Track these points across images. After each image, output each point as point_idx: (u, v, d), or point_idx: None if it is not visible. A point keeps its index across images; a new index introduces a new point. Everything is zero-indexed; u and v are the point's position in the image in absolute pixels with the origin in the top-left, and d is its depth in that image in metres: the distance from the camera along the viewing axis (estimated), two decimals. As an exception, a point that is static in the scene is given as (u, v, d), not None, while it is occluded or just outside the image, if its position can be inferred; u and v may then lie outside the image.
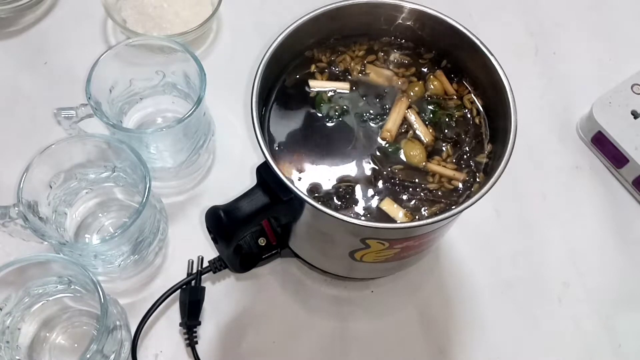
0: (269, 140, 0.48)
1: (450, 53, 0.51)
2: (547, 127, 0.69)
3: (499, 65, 0.47)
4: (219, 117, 0.64)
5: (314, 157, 0.48)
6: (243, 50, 0.70)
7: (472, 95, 0.51)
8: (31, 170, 0.51)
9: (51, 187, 0.54)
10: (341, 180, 0.47)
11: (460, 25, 0.48)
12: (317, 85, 0.50)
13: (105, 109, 0.55)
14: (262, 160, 0.44)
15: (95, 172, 0.57)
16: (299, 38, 0.49)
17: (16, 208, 0.50)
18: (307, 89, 0.50)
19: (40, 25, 0.72)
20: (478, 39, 0.48)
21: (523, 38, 0.75)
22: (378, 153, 0.48)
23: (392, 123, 0.49)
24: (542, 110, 0.70)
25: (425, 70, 0.52)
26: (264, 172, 0.45)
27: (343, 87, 0.50)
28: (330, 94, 0.50)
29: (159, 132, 0.54)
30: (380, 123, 0.49)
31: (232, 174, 0.64)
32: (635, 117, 0.65)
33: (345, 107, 0.50)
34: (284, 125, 0.49)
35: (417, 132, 0.49)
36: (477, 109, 0.50)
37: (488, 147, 0.49)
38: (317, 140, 0.49)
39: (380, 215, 0.46)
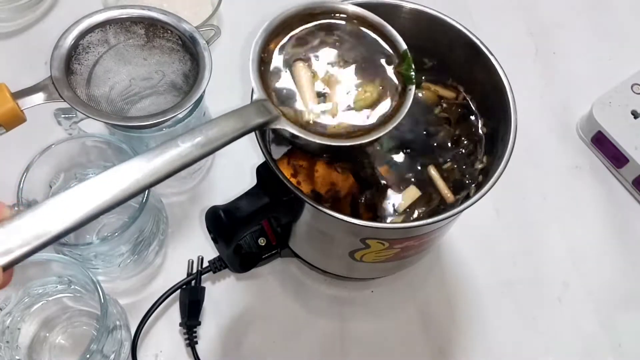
0: (269, 139, 0.48)
1: (450, 53, 0.51)
2: (547, 127, 0.69)
3: (499, 65, 0.47)
4: (219, 117, 0.64)
5: (314, 156, 0.48)
6: (243, 50, 0.70)
7: (464, 94, 0.51)
8: (31, 170, 0.51)
9: (51, 187, 0.54)
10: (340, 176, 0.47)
11: (461, 25, 0.48)
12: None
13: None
14: (262, 160, 0.44)
15: (95, 172, 0.57)
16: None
17: (16, 208, 0.50)
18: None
19: (40, 25, 0.72)
20: (478, 39, 0.48)
21: (523, 38, 0.75)
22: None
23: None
24: (542, 110, 0.70)
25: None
26: (264, 172, 0.45)
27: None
28: None
29: (159, 131, 0.54)
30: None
31: (232, 174, 0.64)
32: (635, 117, 0.65)
33: None
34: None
35: None
36: (472, 110, 0.50)
37: (487, 150, 0.49)
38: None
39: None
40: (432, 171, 0.48)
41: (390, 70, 0.44)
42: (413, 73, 0.43)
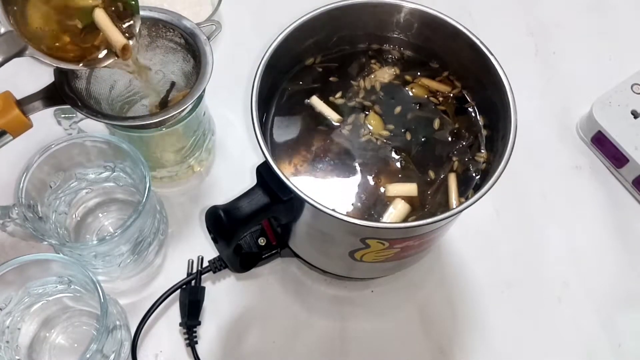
0: (269, 139, 0.48)
1: (449, 53, 0.51)
2: (547, 127, 0.69)
3: (499, 65, 0.47)
4: (219, 117, 0.64)
5: (314, 156, 0.48)
6: (243, 50, 0.70)
7: (464, 92, 0.51)
8: (31, 170, 0.51)
9: (51, 187, 0.54)
10: (341, 177, 0.47)
11: (461, 25, 0.48)
12: (313, 102, 0.51)
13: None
14: (262, 160, 0.44)
15: (95, 172, 0.57)
16: (299, 38, 0.49)
17: (16, 208, 0.50)
18: (306, 101, 0.51)
19: (40, 25, 0.71)
20: (478, 38, 0.48)
21: (523, 38, 0.75)
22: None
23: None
24: (542, 110, 0.70)
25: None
26: (264, 172, 0.45)
27: (333, 117, 0.50)
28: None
29: (159, 131, 0.54)
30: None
31: (232, 174, 0.64)
32: (635, 117, 0.65)
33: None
34: (285, 125, 0.49)
35: None
36: (468, 101, 0.51)
37: (487, 148, 0.49)
38: (317, 139, 0.49)
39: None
40: (451, 180, 0.48)
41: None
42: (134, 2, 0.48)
